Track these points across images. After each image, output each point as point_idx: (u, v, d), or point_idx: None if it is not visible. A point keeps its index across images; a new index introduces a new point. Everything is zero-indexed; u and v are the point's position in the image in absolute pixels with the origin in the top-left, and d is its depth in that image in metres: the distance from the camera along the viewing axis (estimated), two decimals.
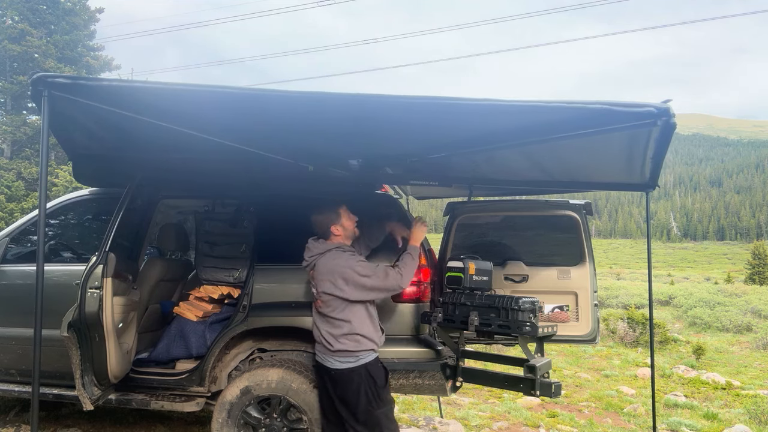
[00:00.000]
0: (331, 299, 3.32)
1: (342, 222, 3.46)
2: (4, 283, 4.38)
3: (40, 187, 2.76)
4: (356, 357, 3.30)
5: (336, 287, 3.28)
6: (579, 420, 6.66)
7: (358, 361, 3.30)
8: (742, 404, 7.78)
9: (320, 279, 3.34)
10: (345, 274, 3.28)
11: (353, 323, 3.31)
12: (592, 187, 4.67)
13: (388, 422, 3.36)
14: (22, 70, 26.20)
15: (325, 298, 3.34)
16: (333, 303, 3.32)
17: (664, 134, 2.83)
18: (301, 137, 3.36)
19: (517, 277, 4.79)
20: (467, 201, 5.25)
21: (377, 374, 3.37)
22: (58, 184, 23.01)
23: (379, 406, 3.33)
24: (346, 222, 3.48)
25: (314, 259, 3.41)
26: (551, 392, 3.42)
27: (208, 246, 4.77)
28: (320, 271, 3.34)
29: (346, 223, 3.48)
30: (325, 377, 3.42)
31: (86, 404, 3.64)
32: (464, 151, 3.55)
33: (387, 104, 2.78)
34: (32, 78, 2.64)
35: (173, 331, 4.46)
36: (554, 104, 2.62)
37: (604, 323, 13.73)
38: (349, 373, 3.30)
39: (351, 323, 3.31)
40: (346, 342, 3.29)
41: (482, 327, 3.63)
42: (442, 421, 5.79)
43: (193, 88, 2.65)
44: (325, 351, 3.36)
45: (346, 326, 3.30)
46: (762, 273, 39.87)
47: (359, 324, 3.32)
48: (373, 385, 3.33)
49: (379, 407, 3.33)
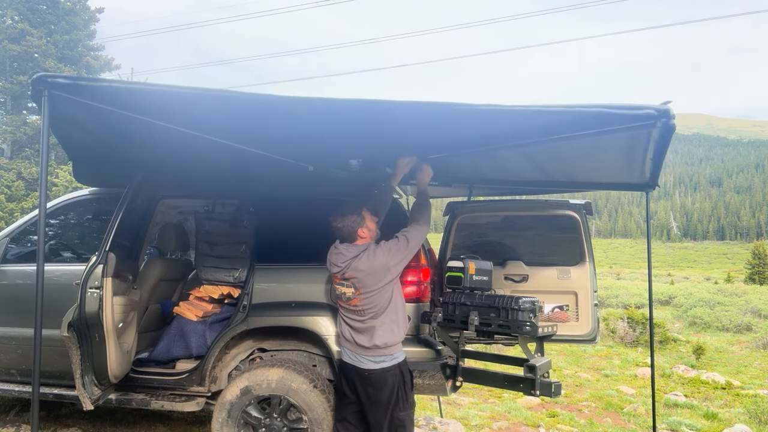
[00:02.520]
0: (373, 295, 3.31)
1: (367, 224, 3.47)
2: (4, 283, 4.38)
3: (40, 187, 2.76)
4: (391, 356, 3.33)
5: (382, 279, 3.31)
6: (579, 420, 6.66)
7: (393, 359, 3.34)
8: (742, 404, 7.78)
9: (361, 278, 3.31)
10: (389, 262, 3.32)
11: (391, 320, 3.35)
12: (592, 187, 4.67)
13: (411, 426, 3.40)
14: (22, 70, 26.20)
15: (366, 297, 3.32)
16: (374, 299, 3.32)
17: (664, 135, 2.84)
18: (302, 140, 3.36)
19: (517, 276, 4.79)
20: (467, 201, 5.25)
21: (407, 375, 3.44)
22: (58, 184, 23.02)
23: (405, 408, 3.36)
24: (370, 223, 3.49)
25: (348, 263, 3.37)
26: (551, 392, 3.42)
27: (208, 246, 4.77)
28: (361, 271, 3.32)
29: (370, 225, 3.49)
30: (355, 379, 3.39)
31: (86, 404, 3.64)
32: (464, 152, 3.56)
33: (389, 110, 2.78)
34: (32, 78, 2.63)
35: (173, 331, 4.46)
36: (554, 108, 2.63)
37: (604, 323, 13.73)
38: (384, 373, 3.31)
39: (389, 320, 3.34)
40: (384, 338, 3.30)
41: (482, 327, 3.64)
42: (442, 421, 5.79)
43: (195, 92, 2.63)
44: (359, 350, 3.35)
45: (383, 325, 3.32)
46: (762, 273, 39.84)
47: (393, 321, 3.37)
48: (404, 386, 3.37)
49: (405, 409, 3.36)
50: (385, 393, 3.30)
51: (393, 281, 3.39)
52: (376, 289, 3.32)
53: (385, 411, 3.30)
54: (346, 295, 3.39)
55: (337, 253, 3.45)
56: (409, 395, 3.41)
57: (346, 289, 3.40)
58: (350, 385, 3.44)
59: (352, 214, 3.43)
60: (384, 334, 3.32)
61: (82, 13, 28.12)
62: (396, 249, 3.38)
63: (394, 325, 3.37)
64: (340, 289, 3.44)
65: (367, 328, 3.34)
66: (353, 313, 3.40)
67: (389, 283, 3.36)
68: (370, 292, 3.32)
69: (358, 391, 3.38)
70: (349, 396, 3.44)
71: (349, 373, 3.44)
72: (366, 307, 3.34)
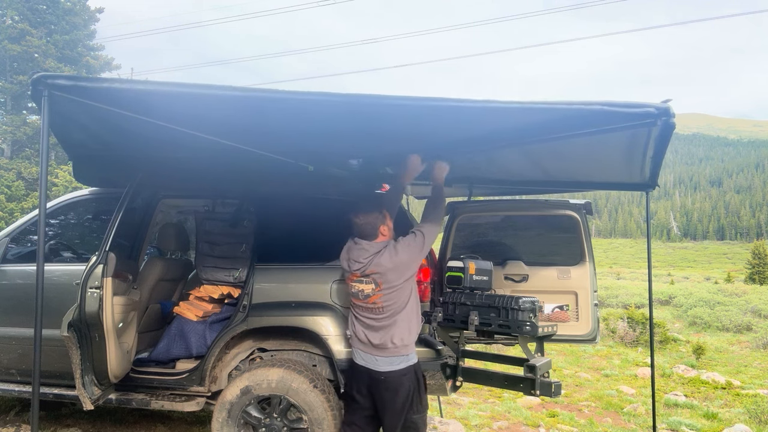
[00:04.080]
0: (394, 291, 3.29)
1: (387, 222, 3.49)
2: (4, 283, 4.38)
3: (40, 187, 2.76)
4: (406, 356, 3.31)
5: (404, 274, 3.31)
6: (579, 420, 6.66)
7: (408, 360, 3.31)
8: (742, 404, 7.78)
9: (384, 273, 3.28)
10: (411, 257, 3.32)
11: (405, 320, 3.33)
12: (592, 187, 4.67)
13: (424, 428, 3.39)
14: (22, 70, 26.22)
15: (387, 293, 3.29)
16: (395, 296, 3.30)
17: (664, 134, 2.84)
18: (302, 137, 3.36)
19: (517, 276, 4.79)
20: (467, 201, 5.25)
21: (421, 377, 3.43)
22: (58, 184, 23.05)
23: (419, 411, 3.34)
24: (389, 222, 3.52)
25: (371, 259, 3.34)
26: (551, 392, 3.42)
27: (208, 246, 4.77)
28: (385, 267, 3.28)
29: (389, 223, 3.51)
30: (369, 382, 3.35)
31: (86, 404, 3.64)
32: (464, 150, 3.56)
33: (388, 106, 2.77)
34: (32, 78, 2.63)
35: (173, 330, 4.46)
36: (554, 105, 2.63)
37: (604, 323, 13.73)
38: (400, 377, 3.28)
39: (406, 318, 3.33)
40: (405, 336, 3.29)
41: (482, 327, 3.64)
42: (442, 421, 5.78)
43: (194, 90, 2.63)
44: (375, 351, 3.31)
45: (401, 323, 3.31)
46: (762, 272, 39.85)
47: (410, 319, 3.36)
48: (418, 389, 3.35)
49: (419, 412, 3.34)
50: (401, 396, 3.28)
51: (412, 277, 3.39)
52: (398, 285, 3.30)
53: (399, 415, 3.28)
54: (364, 293, 3.34)
55: (359, 249, 3.40)
56: (423, 398, 3.39)
57: (365, 286, 3.34)
58: (363, 388, 3.38)
59: (374, 212, 3.43)
60: (401, 332, 3.30)
61: (82, 13, 28.17)
62: (414, 245, 3.38)
63: (411, 323, 3.36)
64: (357, 287, 3.37)
65: (384, 327, 3.30)
66: (370, 312, 3.35)
67: (409, 279, 3.36)
68: (392, 288, 3.29)
69: (373, 395, 3.33)
70: (360, 401, 3.39)
71: (362, 376, 3.38)
72: (386, 303, 3.30)
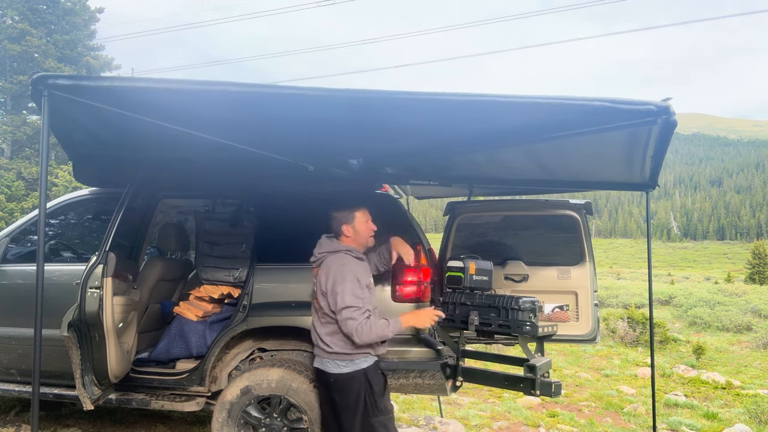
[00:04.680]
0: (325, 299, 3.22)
1: (354, 224, 3.31)
2: (4, 283, 4.38)
3: (40, 187, 2.76)
4: (351, 360, 3.17)
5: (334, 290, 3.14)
6: (579, 420, 6.66)
7: (355, 365, 3.17)
8: (742, 404, 7.78)
9: (322, 276, 3.23)
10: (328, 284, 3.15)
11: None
12: (592, 187, 4.66)
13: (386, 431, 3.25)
14: (22, 70, 26.23)
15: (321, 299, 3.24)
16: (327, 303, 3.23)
17: (664, 133, 2.83)
18: (302, 136, 3.35)
19: (517, 276, 4.79)
20: (467, 201, 5.25)
21: (376, 381, 3.25)
22: (58, 184, 23.05)
23: (376, 415, 3.20)
24: (359, 225, 3.33)
25: (323, 257, 3.30)
26: (551, 392, 3.42)
27: (208, 246, 4.77)
28: (324, 270, 3.23)
29: (358, 227, 3.33)
30: (324, 383, 3.31)
31: (86, 404, 3.64)
32: (464, 149, 3.54)
33: (387, 100, 2.77)
34: (32, 78, 2.63)
35: (173, 330, 4.46)
36: (555, 100, 2.61)
37: (604, 323, 13.73)
38: (349, 379, 3.18)
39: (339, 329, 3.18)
40: (341, 343, 3.16)
41: (482, 327, 3.63)
42: (442, 421, 5.79)
43: (193, 86, 2.63)
44: (322, 353, 3.24)
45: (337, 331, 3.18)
46: (762, 272, 39.85)
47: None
48: (372, 393, 3.20)
49: (376, 415, 3.21)
50: (351, 399, 3.16)
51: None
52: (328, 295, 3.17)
53: (352, 417, 3.17)
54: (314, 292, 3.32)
55: (320, 242, 3.37)
56: (379, 401, 3.22)
57: (314, 286, 3.32)
58: (323, 388, 3.34)
59: (345, 210, 3.33)
60: (342, 343, 3.15)
61: (82, 13, 28.17)
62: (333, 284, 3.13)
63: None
64: (315, 281, 3.34)
65: (327, 331, 3.20)
66: (315, 312, 3.31)
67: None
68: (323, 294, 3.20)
69: (328, 395, 3.28)
70: (324, 399, 3.35)
71: (319, 376, 3.33)
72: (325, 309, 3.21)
